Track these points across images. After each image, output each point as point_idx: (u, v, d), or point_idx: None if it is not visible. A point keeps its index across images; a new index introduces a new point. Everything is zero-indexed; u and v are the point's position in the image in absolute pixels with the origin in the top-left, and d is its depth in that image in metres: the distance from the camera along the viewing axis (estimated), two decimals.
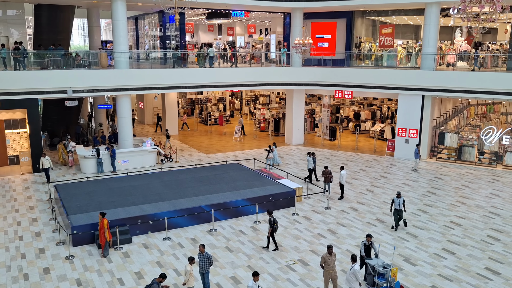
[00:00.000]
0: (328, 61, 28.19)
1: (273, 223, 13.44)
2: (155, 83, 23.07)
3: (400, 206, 14.93)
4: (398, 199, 14.95)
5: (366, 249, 11.79)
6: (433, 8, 23.33)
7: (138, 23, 37.20)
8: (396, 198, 15.01)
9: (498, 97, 23.22)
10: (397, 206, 14.97)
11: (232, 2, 24.61)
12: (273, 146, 23.13)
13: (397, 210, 15.01)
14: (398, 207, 14.98)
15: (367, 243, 11.79)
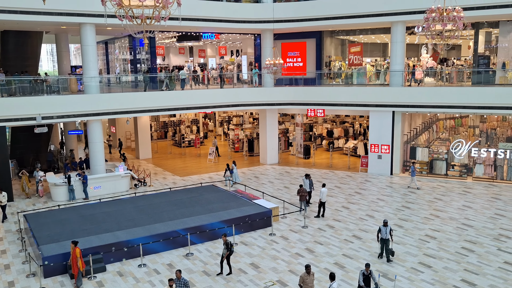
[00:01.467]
0: (299, 81, 28.54)
1: (231, 247, 13.26)
2: (127, 107, 22.85)
3: (387, 235, 13.82)
4: (385, 228, 13.82)
5: (365, 278, 11.25)
6: (399, 27, 24.00)
7: (108, 47, 36.97)
8: (382, 227, 13.86)
9: (465, 111, 23.89)
10: (384, 235, 13.83)
11: (201, 25, 24.75)
12: (232, 164, 23.46)
13: (384, 239, 13.89)
14: (385, 237, 13.84)
15: (366, 272, 11.25)
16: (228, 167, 23.51)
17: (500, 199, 20.14)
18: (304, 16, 25.62)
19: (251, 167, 27.55)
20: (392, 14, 23.44)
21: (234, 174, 23.35)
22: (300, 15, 25.72)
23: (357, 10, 24.20)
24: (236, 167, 23.71)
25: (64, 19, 20.94)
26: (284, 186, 22.95)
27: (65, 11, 20.61)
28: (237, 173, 23.70)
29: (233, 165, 23.58)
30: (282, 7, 26.24)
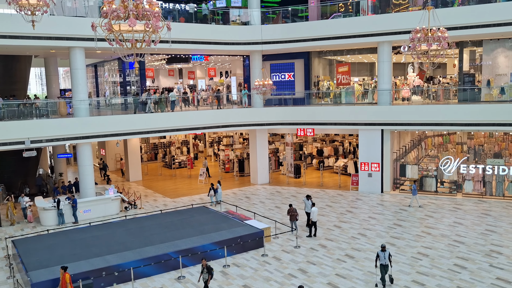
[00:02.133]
0: (288, 101, 28.77)
1: (211, 270, 13.17)
2: (117, 130, 22.80)
3: (386, 260, 13.26)
4: (384, 253, 13.28)
5: None
6: (385, 47, 24.42)
7: (97, 69, 37.03)
8: (381, 252, 13.32)
9: (452, 128, 24.21)
10: (382, 261, 13.27)
11: (191, 47, 24.97)
12: (217, 184, 23.63)
13: (383, 265, 13.29)
14: (384, 262, 13.26)
15: None
16: (212, 187, 23.71)
17: (490, 215, 20.28)
18: (292, 37, 25.98)
19: (242, 187, 27.50)
20: (378, 34, 23.88)
21: (218, 193, 23.50)
22: (288, 37, 26.08)
23: (344, 31, 24.62)
24: (220, 187, 23.82)
25: (53, 43, 21.02)
26: (275, 206, 22.91)
27: (54, 35, 20.70)
28: (221, 193, 23.79)
29: (217, 184, 23.76)
30: (270, 29, 26.61)
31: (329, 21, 26.20)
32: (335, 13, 27.17)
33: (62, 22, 20.94)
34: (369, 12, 25.59)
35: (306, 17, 29.04)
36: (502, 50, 24.25)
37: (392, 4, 25.46)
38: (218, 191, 23.54)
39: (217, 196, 23.46)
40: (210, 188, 23.74)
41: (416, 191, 22.20)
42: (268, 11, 29.01)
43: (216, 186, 23.64)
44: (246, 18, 27.44)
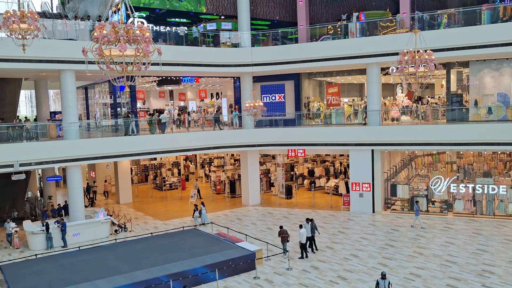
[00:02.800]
0: (279, 122, 28.90)
1: None
2: (107, 152, 22.70)
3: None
4: (384, 281, 12.88)
5: None
6: (374, 68, 24.76)
7: (88, 92, 37.02)
8: (381, 280, 12.95)
9: (441, 147, 24.43)
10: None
11: (182, 70, 25.14)
12: (201, 205, 23.67)
13: None
14: None
15: None
16: (196, 208, 23.74)
17: (481, 234, 20.33)
18: (282, 59, 26.26)
19: (233, 208, 27.37)
20: (367, 56, 24.24)
21: (202, 215, 23.55)
22: (278, 59, 26.36)
23: (333, 53, 24.97)
24: (204, 208, 23.88)
25: (44, 66, 21.05)
26: (267, 227, 22.79)
27: (45, 58, 20.74)
28: (205, 214, 23.81)
29: (201, 206, 23.82)
30: (260, 51, 26.89)
31: (318, 43, 26.56)
32: (324, 36, 27.55)
33: (52, 45, 21.01)
34: (358, 34, 26.02)
35: (295, 39, 29.44)
36: (488, 70, 24.69)
37: (380, 26, 25.90)
38: (202, 212, 23.59)
39: (202, 218, 23.49)
40: (194, 210, 23.76)
41: (419, 211, 22.01)
42: (258, 33, 29.35)
43: (200, 208, 23.69)
44: (236, 40, 27.74)
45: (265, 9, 33.02)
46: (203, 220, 23.51)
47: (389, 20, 26.72)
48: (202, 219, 23.55)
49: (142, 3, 27.63)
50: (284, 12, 33.99)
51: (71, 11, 37.65)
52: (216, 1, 30.95)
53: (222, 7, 31.23)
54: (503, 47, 21.45)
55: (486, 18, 22.90)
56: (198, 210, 23.62)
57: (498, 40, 21.45)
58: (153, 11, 29.39)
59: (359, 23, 26.44)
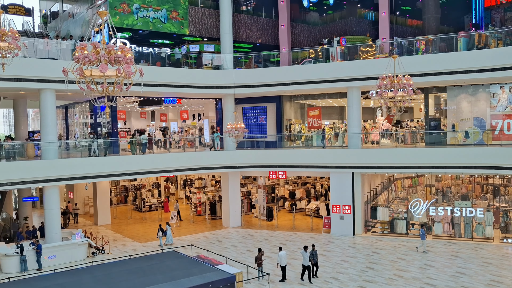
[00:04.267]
0: (261, 143, 28.99)
1: None
2: (86, 172, 22.39)
3: None
4: None
5: None
6: (354, 92, 25.16)
7: (68, 111, 36.65)
8: None
9: (420, 170, 24.76)
10: None
11: (163, 91, 25.13)
12: (166, 225, 23.82)
13: None
14: None
15: None
16: (160, 228, 23.74)
17: (460, 256, 20.51)
18: (264, 81, 26.52)
19: (213, 230, 27.12)
20: (347, 80, 24.66)
21: (167, 235, 23.52)
22: (260, 81, 26.61)
23: (314, 76, 25.32)
24: (170, 228, 23.91)
25: (23, 85, 20.82)
26: (247, 249, 22.60)
27: (24, 77, 20.53)
28: (170, 235, 23.80)
29: (167, 226, 23.83)
30: (242, 73, 27.12)
31: (300, 66, 26.93)
32: (306, 59, 27.99)
33: (33, 64, 20.84)
34: (338, 58, 26.49)
35: (277, 62, 29.82)
36: (465, 96, 25.31)
37: (360, 51, 26.45)
38: (167, 233, 23.53)
39: (167, 238, 23.49)
40: (158, 230, 23.74)
41: (425, 235, 21.71)
42: (240, 56, 29.67)
43: (165, 228, 23.69)
44: (219, 62, 27.96)
45: (247, 32, 33.45)
46: (167, 241, 23.51)
47: (369, 45, 27.33)
48: (167, 239, 23.55)
49: (125, 24, 27.72)
50: (267, 36, 34.48)
51: (53, 30, 37.57)
52: (199, 24, 31.25)
53: (205, 29, 31.53)
54: (478, 73, 22.08)
55: (462, 45, 23.62)
56: (163, 230, 23.73)
57: (473, 66, 22.09)
58: (136, 32, 29.51)
59: (340, 47, 26.95)
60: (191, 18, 30.70)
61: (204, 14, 31.52)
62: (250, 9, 34.81)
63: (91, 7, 29.79)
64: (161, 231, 23.77)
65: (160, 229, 23.86)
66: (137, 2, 28.22)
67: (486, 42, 23.30)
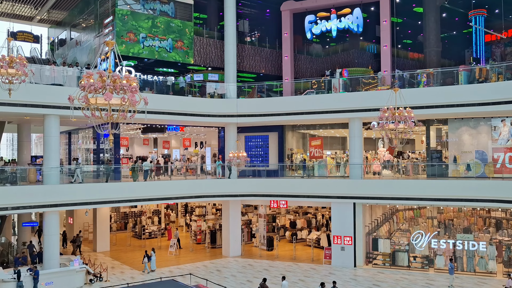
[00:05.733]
0: (262, 172, 29.02)
1: None
2: (88, 198, 22.39)
3: None
4: None
5: None
6: (356, 123, 25.33)
7: (71, 137, 36.89)
8: None
9: (421, 202, 24.68)
10: None
11: (167, 118, 25.36)
12: (151, 251, 23.72)
13: None
14: None
15: None
16: (146, 253, 23.64)
17: None
18: (266, 111, 26.76)
19: (213, 259, 26.85)
20: (349, 111, 24.88)
21: (152, 261, 23.39)
22: (263, 111, 26.86)
23: (316, 107, 25.56)
24: (154, 254, 23.79)
25: (28, 110, 21.05)
26: (247, 280, 22.34)
27: (30, 103, 20.77)
28: (154, 261, 23.66)
29: (152, 252, 23.71)
30: (245, 102, 27.40)
31: (302, 97, 27.23)
32: (308, 90, 28.31)
33: (38, 90, 21.13)
34: (341, 89, 26.80)
35: (280, 92, 30.17)
36: (466, 128, 25.44)
37: (362, 83, 26.78)
38: (152, 258, 23.40)
39: (151, 264, 23.35)
40: (144, 256, 23.61)
41: (453, 270, 21.28)
42: (244, 85, 30.02)
43: (150, 254, 23.57)
44: (222, 91, 28.30)
45: (251, 63, 33.94)
46: (152, 267, 23.42)
47: (371, 77, 27.70)
48: (151, 265, 23.43)
49: (131, 53, 28.19)
50: (270, 66, 34.97)
51: (60, 57, 38.19)
52: (204, 53, 31.76)
53: (209, 59, 32.02)
54: (479, 106, 22.27)
55: (463, 78, 23.90)
56: (148, 256, 23.57)
57: (474, 100, 22.29)
58: (142, 60, 29.98)
59: (342, 79, 27.28)
60: (196, 48, 31.23)
61: (209, 44, 32.07)
62: (254, 40, 35.44)
63: (99, 35, 30.37)
64: (146, 257, 23.64)
65: (146, 255, 23.72)
66: (144, 32, 28.78)
67: (486, 76, 23.58)
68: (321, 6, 31.85)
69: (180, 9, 30.68)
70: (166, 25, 29.82)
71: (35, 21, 39.64)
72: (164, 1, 30.00)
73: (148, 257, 23.72)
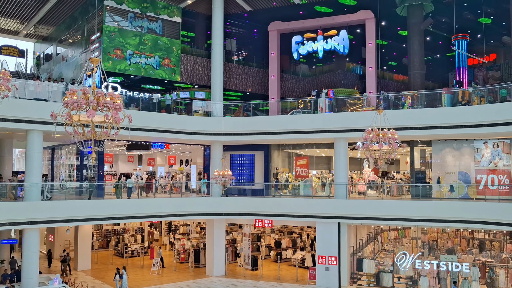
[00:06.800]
0: (247, 191, 28.90)
1: None
2: (70, 216, 21.99)
3: None
4: None
5: None
6: (341, 143, 25.47)
7: (54, 152, 36.44)
8: None
9: (406, 223, 24.74)
10: None
11: (152, 135, 25.19)
12: (122, 270, 23.22)
13: None
14: None
15: None
16: (118, 272, 23.26)
17: None
18: (252, 130, 26.76)
19: (196, 279, 26.46)
20: (334, 131, 25.02)
21: (123, 280, 22.99)
22: (249, 129, 26.85)
23: (302, 127, 25.66)
24: (126, 273, 23.34)
25: (11, 125, 20.74)
26: None
27: (12, 118, 20.47)
28: (126, 279, 23.22)
29: (123, 270, 23.28)
30: (231, 121, 27.41)
31: (288, 116, 27.35)
32: (295, 109, 28.47)
33: (21, 105, 20.82)
34: (326, 109, 26.99)
35: (267, 111, 30.29)
36: (450, 150, 25.75)
37: (347, 103, 27.03)
38: (124, 277, 22.99)
39: (122, 283, 22.93)
40: (116, 273, 23.21)
41: None
42: (230, 104, 30.10)
43: (122, 272, 23.16)
44: (209, 109, 28.30)
45: (238, 81, 34.11)
46: (123, 285, 22.98)
47: (356, 98, 28.00)
48: (123, 284, 23.00)
49: (118, 69, 28.15)
50: (257, 85, 35.17)
51: (45, 72, 37.96)
52: (191, 71, 31.85)
53: (196, 77, 32.11)
54: (462, 128, 22.58)
55: (447, 101, 24.27)
56: (120, 274, 23.12)
57: (457, 122, 22.61)
58: (128, 77, 29.93)
59: (328, 99, 27.51)
60: (183, 65, 31.31)
61: (196, 62, 32.20)
62: (241, 59, 35.68)
63: (85, 51, 30.31)
64: (118, 274, 23.20)
65: (117, 273, 23.29)
66: (131, 49, 28.80)
67: (469, 98, 23.99)
68: (308, 27, 32.31)
69: (168, 27, 30.85)
70: (154, 42, 29.90)
71: (21, 35, 39.42)
72: (152, 19, 30.14)
73: (119, 275, 23.19)
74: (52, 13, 33.47)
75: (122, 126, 8.76)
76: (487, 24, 31.58)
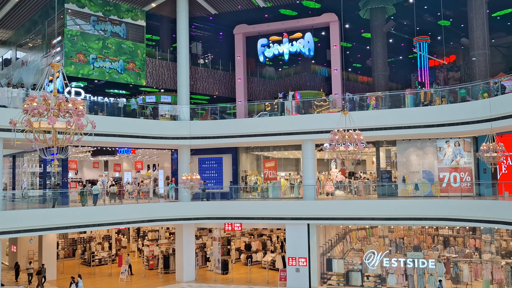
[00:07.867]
0: (216, 195, 28.76)
1: None
2: (33, 225, 21.27)
3: None
4: None
5: None
6: (309, 144, 25.71)
7: (16, 160, 35.27)
8: None
9: (373, 222, 25.19)
10: None
11: (117, 141, 24.73)
12: (78, 278, 22.84)
13: None
14: None
15: None
16: (73, 280, 22.80)
17: None
18: (220, 133, 26.68)
19: (166, 285, 26.11)
20: (301, 133, 25.22)
21: (79, 287, 22.63)
22: (216, 133, 26.75)
23: (269, 129, 25.75)
24: (81, 281, 22.98)
25: None
26: None
27: None
28: (82, 287, 22.90)
29: (78, 278, 22.92)
30: (198, 124, 27.24)
31: (256, 119, 27.39)
32: (262, 112, 28.56)
33: None
34: (293, 112, 27.17)
35: (234, 114, 30.22)
36: (414, 149, 26.37)
37: (314, 105, 27.31)
38: (79, 285, 22.61)
39: None
40: (71, 282, 22.67)
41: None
42: (197, 107, 29.91)
43: (77, 280, 22.75)
44: (175, 113, 28.02)
45: (204, 85, 33.96)
46: None
47: (322, 99, 28.32)
48: None
49: (81, 74, 27.52)
50: (223, 88, 35.10)
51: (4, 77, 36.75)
52: (156, 75, 31.49)
53: (162, 81, 31.77)
54: (425, 128, 23.20)
55: (410, 101, 24.87)
56: (75, 282, 22.66)
57: (420, 122, 23.20)
58: (92, 81, 29.32)
59: (295, 101, 27.72)
60: (148, 69, 30.92)
61: (162, 66, 31.86)
62: (208, 63, 35.54)
63: (46, 55, 29.51)
64: (73, 283, 22.62)
65: (72, 281, 22.68)
66: (94, 53, 28.23)
67: (431, 99, 24.66)
68: (273, 30, 32.52)
69: (132, 30, 30.41)
70: (118, 46, 29.41)
71: None
72: (116, 22, 29.64)
73: (75, 283, 22.55)
74: (11, 16, 32.43)
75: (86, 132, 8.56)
76: (446, 27, 32.61)
